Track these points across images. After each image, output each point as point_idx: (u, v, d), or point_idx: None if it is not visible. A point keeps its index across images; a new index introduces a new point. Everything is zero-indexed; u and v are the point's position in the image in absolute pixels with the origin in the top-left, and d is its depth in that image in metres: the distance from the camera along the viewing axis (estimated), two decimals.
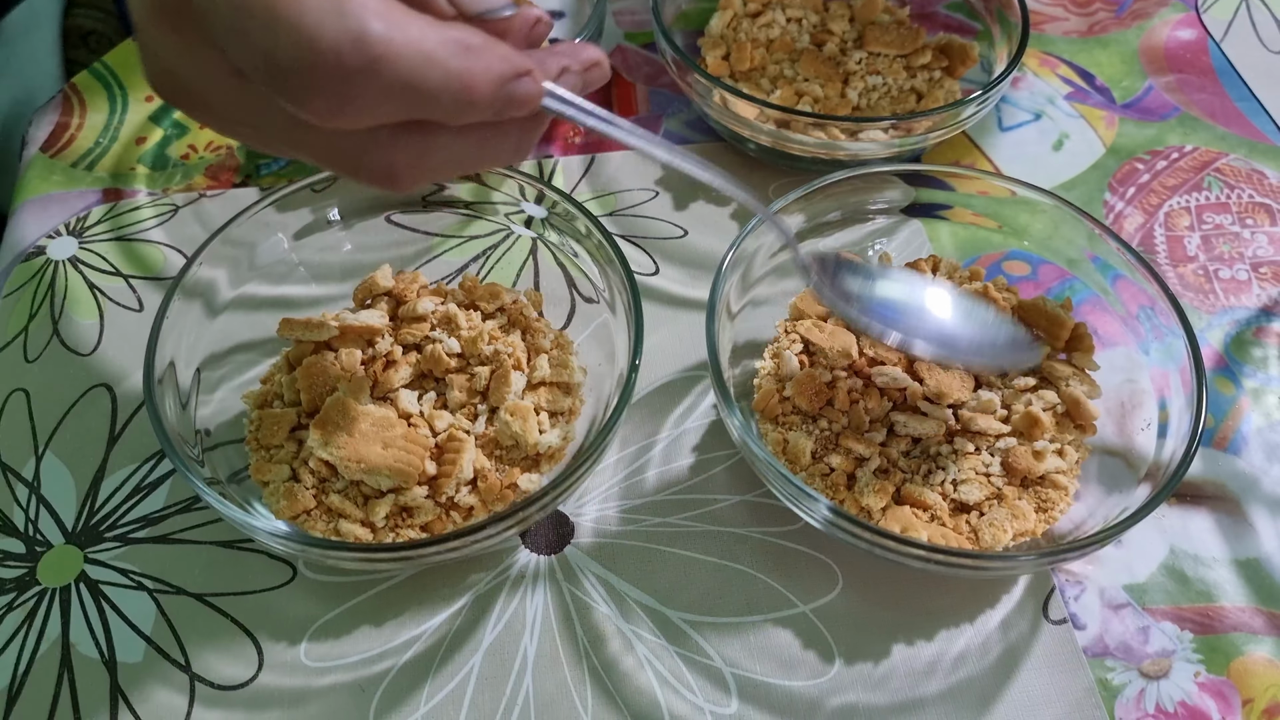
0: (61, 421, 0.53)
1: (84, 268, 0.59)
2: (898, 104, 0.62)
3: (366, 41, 0.28)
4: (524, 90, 0.32)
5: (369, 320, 0.50)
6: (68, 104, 0.67)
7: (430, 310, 0.51)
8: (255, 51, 0.29)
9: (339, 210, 0.54)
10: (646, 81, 0.68)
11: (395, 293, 0.52)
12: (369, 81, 0.29)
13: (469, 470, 0.47)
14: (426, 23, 0.30)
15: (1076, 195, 0.63)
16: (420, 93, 0.30)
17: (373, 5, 0.29)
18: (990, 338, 0.47)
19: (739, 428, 0.45)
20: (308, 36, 0.28)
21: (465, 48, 0.30)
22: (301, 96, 0.30)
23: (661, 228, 0.61)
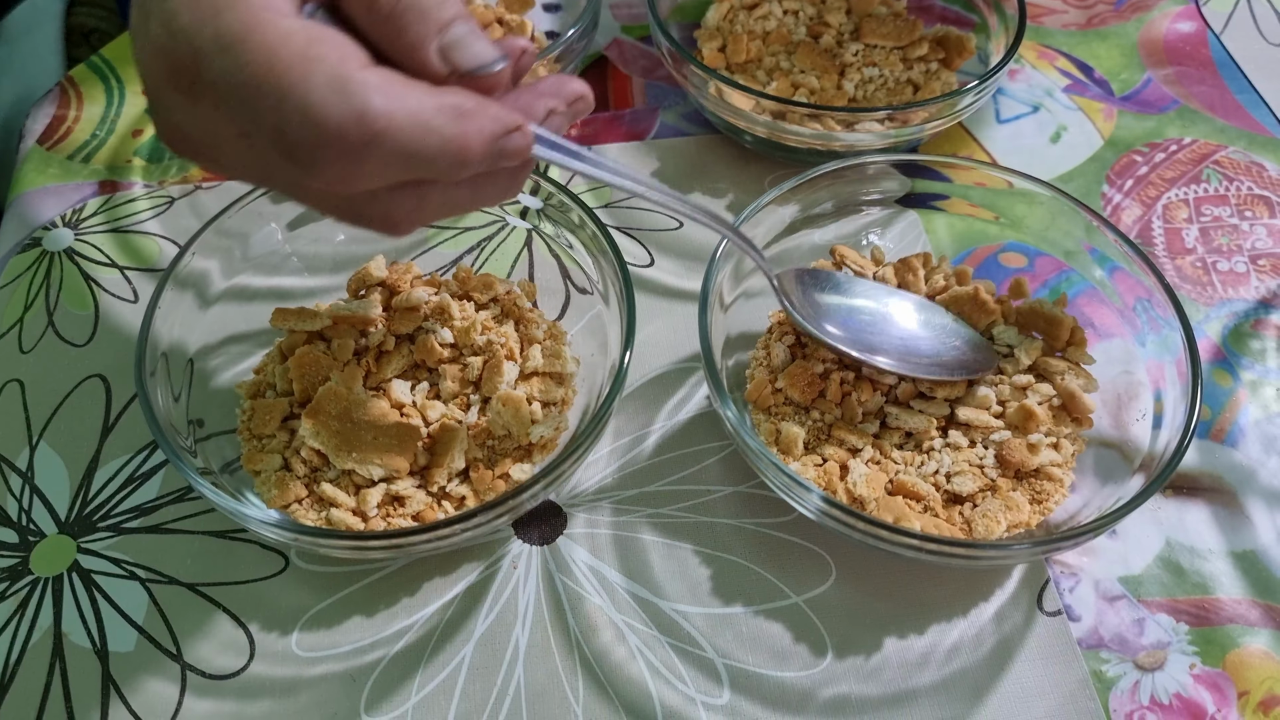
0: (56, 412, 0.53)
1: (80, 259, 0.59)
2: (894, 96, 0.61)
3: (368, 118, 0.30)
4: (515, 144, 0.34)
5: (362, 310, 0.50)
6: (65, 97, 0.67)
7: (424, 300, 0.51)
8: (264, 125, 0.31)
9: None
10: (643, 74, 0.68)
11: (389, 283, 0.52)
12: (372, 153, 0.31)
13: (460, 460, 0.47)
14: (423, 91, 0.32)
15: (1074, 187, 0.62)
16: (419, 158, 0.32)
17: (373, 80, 0.31)
18: (949, 346, 0.50)
19: (732, 419, 0.44)
20: (314, 116, 0.30)
21: (459, 113, 0.32)
22: (310, 168, 0.32)
23: (657, 219, 0.60)
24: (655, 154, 0.63)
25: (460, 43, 0.34)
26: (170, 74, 0.33)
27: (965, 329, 0.51)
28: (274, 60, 0.30)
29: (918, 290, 0.53)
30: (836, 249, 0.54)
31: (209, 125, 0.33)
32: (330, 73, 0.30)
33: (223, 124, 0.33)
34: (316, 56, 0.30)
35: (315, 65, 0.30)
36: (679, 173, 0.62)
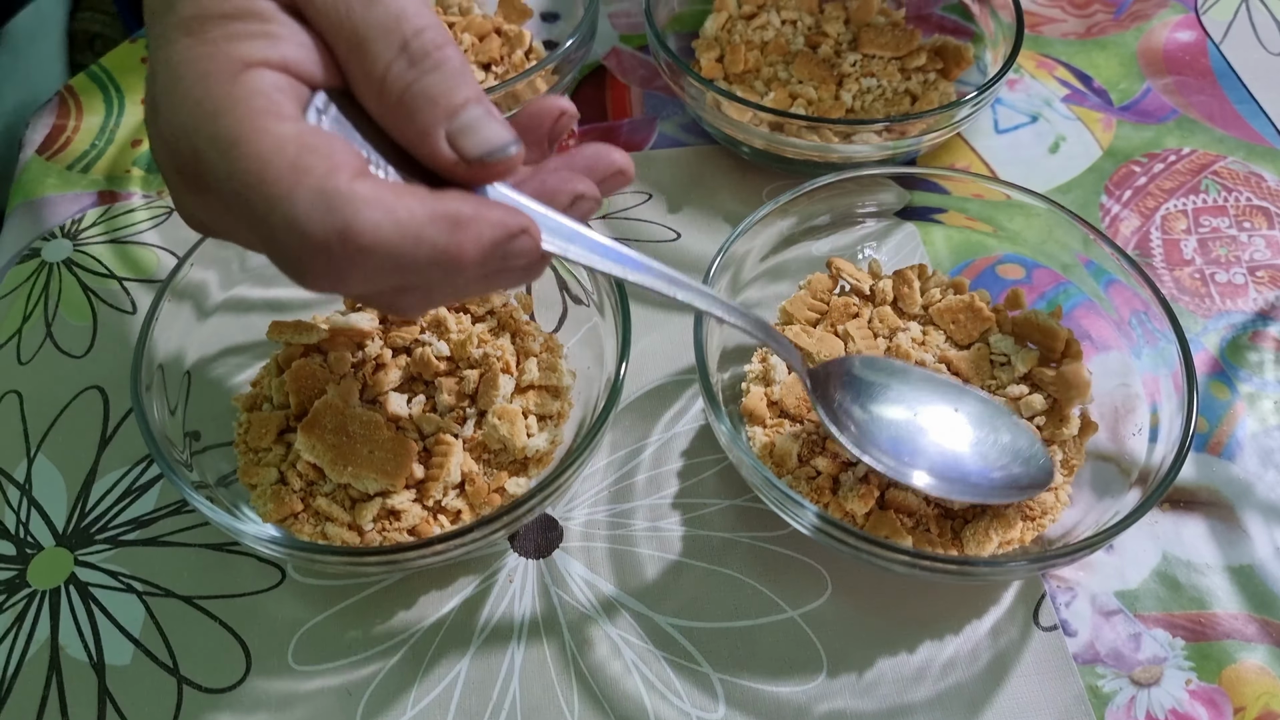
0: (54, 424, 0.53)
1: (78, 270, 0.59)
2: (892, 106, 0.61)
3: (352, 233, 0.30)
4: (520, 248, 0.33)
5: (358, 323, 0.50)
6: (64, 106, 0.67)
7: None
8: (255, 232, 0.31)
9: None
10: (641, 84, 0.68)
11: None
12: (357, 267, 0.31)
13: (456, 474, 0.47)
14: (417, 199, 0.31)
15: (1073, 198, 0.62)
16: (411, 269, 0.31)
17: (362, 192, 0.30)
18: (998, 465, 0.46)
19: (726, 433, 0.44)
20: (299, 229, 0.30)
21: (454, 223, 0.31)
22: (298, 277, 0.32)
23: (654, 230, 0.60)
24: (653, 165, 0.63)
25: (469, 128, 0.32)
26: (177, 169, 0.33)
27: (1027, 440, 0.47)
28: (264, 170, 0.30)
29: (912, 302, 0.53)
30: (833, 262, 0.54)
31: (219, 217, 0.34)
32: (316, 186, 0.29)
33: (230, 218, 0.33)
34: (305, 168, 0.30)
35: (303, 177, 0.30)
36: (677, 184, 0.62)
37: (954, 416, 0.47)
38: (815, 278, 0.54)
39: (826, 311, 0.53)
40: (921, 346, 0.52)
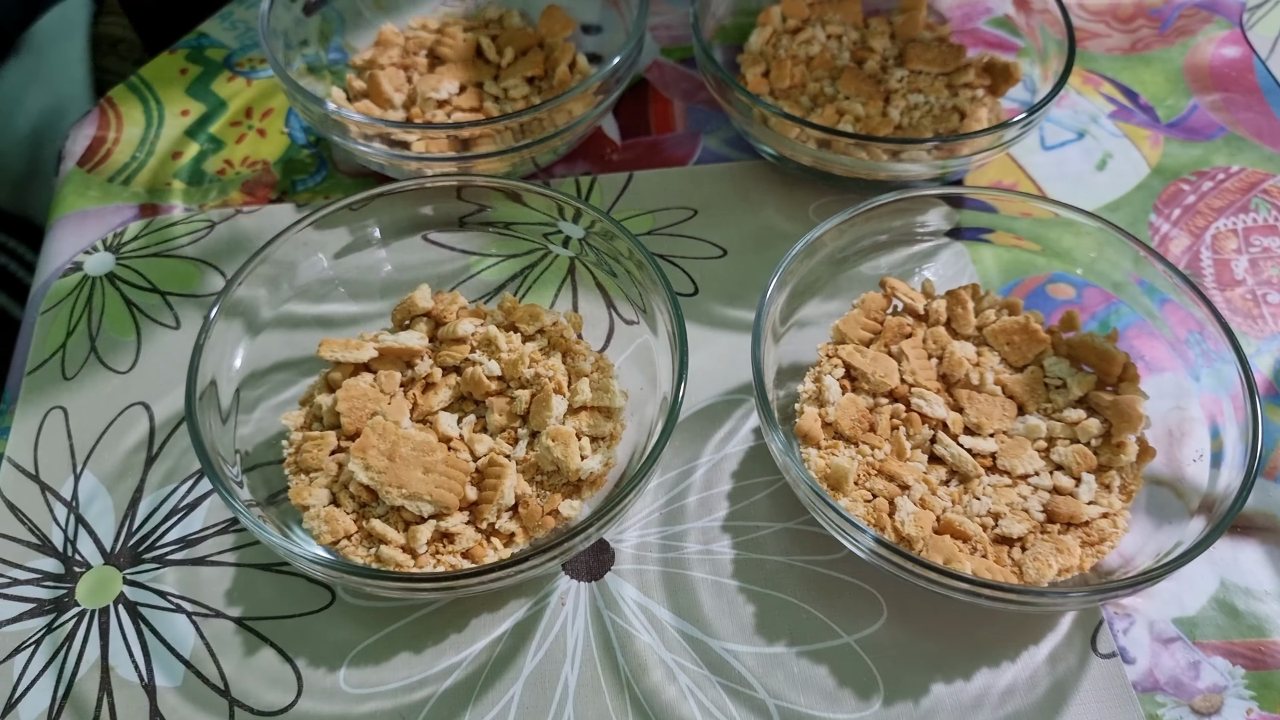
0: (99, 440, 0.53)
1: (121, 284, 0.59)
2: (940, 123, 0.61)
3: None
4: None
5: (408, 342, 0.50)
6: (104, 117, 0.67)
7: (470, 332, 0.51)
8: None
9: (378, 229, 0.54)
10: (684, 98, 0.68)
11: (434, 314, 0.52)
12: None
13: (510, 496, 0.46)
14: None
15: (1121, 216, 0.62)
16: None
17: None
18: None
19: (785, 455, 0.44)
20: None
21: None
22: None
23: (700, 247, 0.60)
24: (698, 181, 0.63)
25: None
26: None
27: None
28: None
29: (966, 323, 0.52)
30: (887, 281, 0.53)
31: None
32: None
33: None
34: None
35: None
36: (722, 200, 0.62)
37: None
38: (869, 297, 0.53)
39: (880, 331, 0.52)
40: (976, 366, 0.51)
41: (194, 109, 0.67)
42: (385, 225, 0.54)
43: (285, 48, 0.62)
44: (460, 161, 0.56)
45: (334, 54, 0.66)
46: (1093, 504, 0.47)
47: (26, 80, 1.13)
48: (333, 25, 0.67)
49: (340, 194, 0.62)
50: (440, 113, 0.60)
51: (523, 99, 0.61)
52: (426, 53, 0.64)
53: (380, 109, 0.61)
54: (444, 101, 0.61)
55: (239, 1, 0.73)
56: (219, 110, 0.67)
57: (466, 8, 0.69)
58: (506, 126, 0.55)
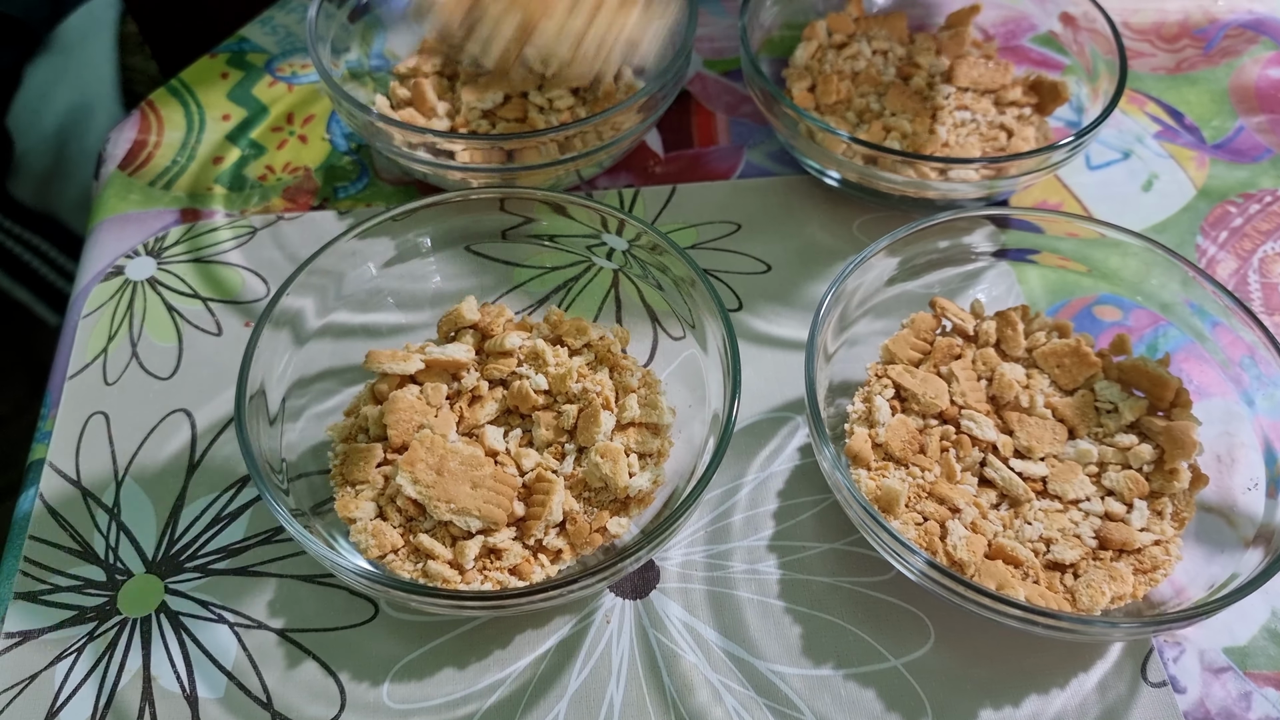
0: (141, 447, 0.53)
1: (162, 289, 0.58)
2: (987, 141, 0.60)
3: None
4: None
5: (455, 355, 0.50)
6: (145, 121, 0.67)
7: (517, 345, 0.51)
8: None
9: (423, 240, 0.54)
10: (727, 111, 0.67)
11: (480, 326, 0.52)
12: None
13: (558, 513, 0.46)
14: None
15: (1168, 238, 0.61)
16: None
17: None
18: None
19: (839, 477, 0.44)
20: None
21: None
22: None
23: (744, 263, 0.60)
24: (741, 195, 0.62)
25: None
26: None
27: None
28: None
29: (1016, 345, 0.52)
30: (937, 301, 0.53)
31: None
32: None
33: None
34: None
35: None
36: (766, 214, 0.61)
37: None
38: (919, 317, 0.53)
39: (930, 351, 0.52)
40: (1026, 389, 0.51)
41: (235, 114, 0.67)
42: (429, 236, 0.54)
43: (330, 53, 0.61)
44: (504, 173, 0.56)
45: (375, 60, 0.66)
46: (1145, 531, 0.47)
47: (54, 78, 1.13)
48: (375, 31, 0.66)
49: (381, 202, 0.62)
50: (484, 123, 0.60)
51: (567, 110, 0.61)
52: (471, 60, 0.64)
53: (424, 118, 0.60)
54: (488, 111, 0.61)
55: (279, 6, 0.73)
56: (260, 115, 0.67)
57: None
58: (552, 139, 0.55)
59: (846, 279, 0.49)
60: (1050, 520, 0.47)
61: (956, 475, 0.48)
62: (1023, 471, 0.48)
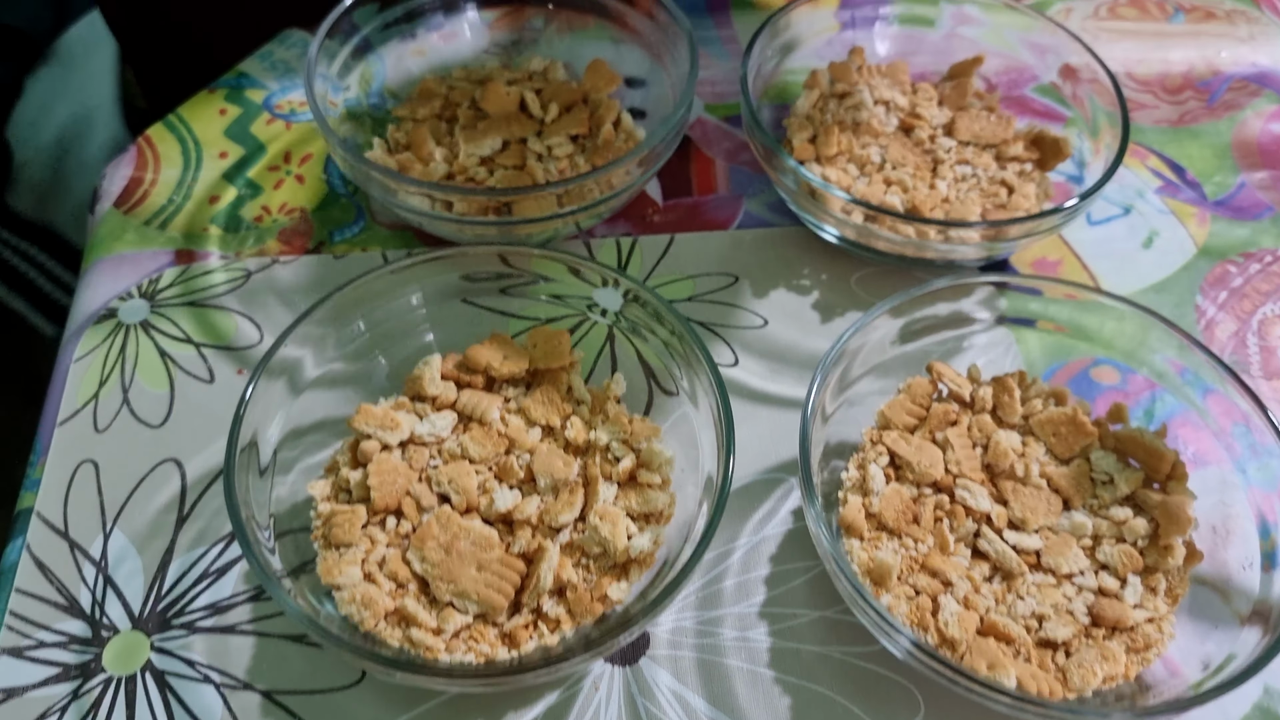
0: (130, 497, 0.52)
1: (155, 333, 0.58)
2: (988, 197, 0.60)
3: None
4: None
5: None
6: (141, 157, 0.66)
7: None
8: None
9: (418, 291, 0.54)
10: (726, 158, 0.67)
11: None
12: None
13: (549, 579, 0.46)
14: None
15: (1168, 298, 0.61)
16: None
17: None
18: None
19: (831, 554, 0.43)
20: None
21: None
22: None
23: (741, 316, 0.59)
24: (740, 246, 0.62)
25: None
26: None
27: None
28: None
29: (1012, 411, 0.52)
30: (934, 366, 0.52)
31: None
32: None
33: None
34: None
35: None
36: (763, 267, 0.61)
37: None
38: (915, 382, 0.52)
39: (925, 417, 0.52)
40: (1022, 457, 0.50)
41: (232, 151, 0.66)
42: (422, 290, 0.54)
43: (329, 91, 0.61)
44: (501, 226, 0.56)
45: (374, 99, 0.66)
46: (1138, 607, 0.47)
47: (54, 90, 1.13)
48: (374, 70, 0.66)
49: (377, 246, 0.62)
50: (482, 170, 0.60)
51: (566, 158, 0.60)
52: (469, 104, 0.64)
53: (422, 163, 0.60)
54: (486, 159, 0.60)
55: (279, 40, 0.73)
56: (257, 154, 0.66)
57: (510, 54, 0.69)
58: (551, 192, 0.54)
59: (846, 343, 0.49)
60: (1043, 595, 0.47)
61: (950, 547, 0.48)
62: (1017, 544, 0.48)
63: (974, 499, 0.49)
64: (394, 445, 0.49)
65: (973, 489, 0.49)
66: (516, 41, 0.69)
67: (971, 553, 0.48)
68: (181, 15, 0.87)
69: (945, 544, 0.48)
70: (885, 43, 0.68)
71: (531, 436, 0.50)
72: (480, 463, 0.49)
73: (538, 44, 0.69)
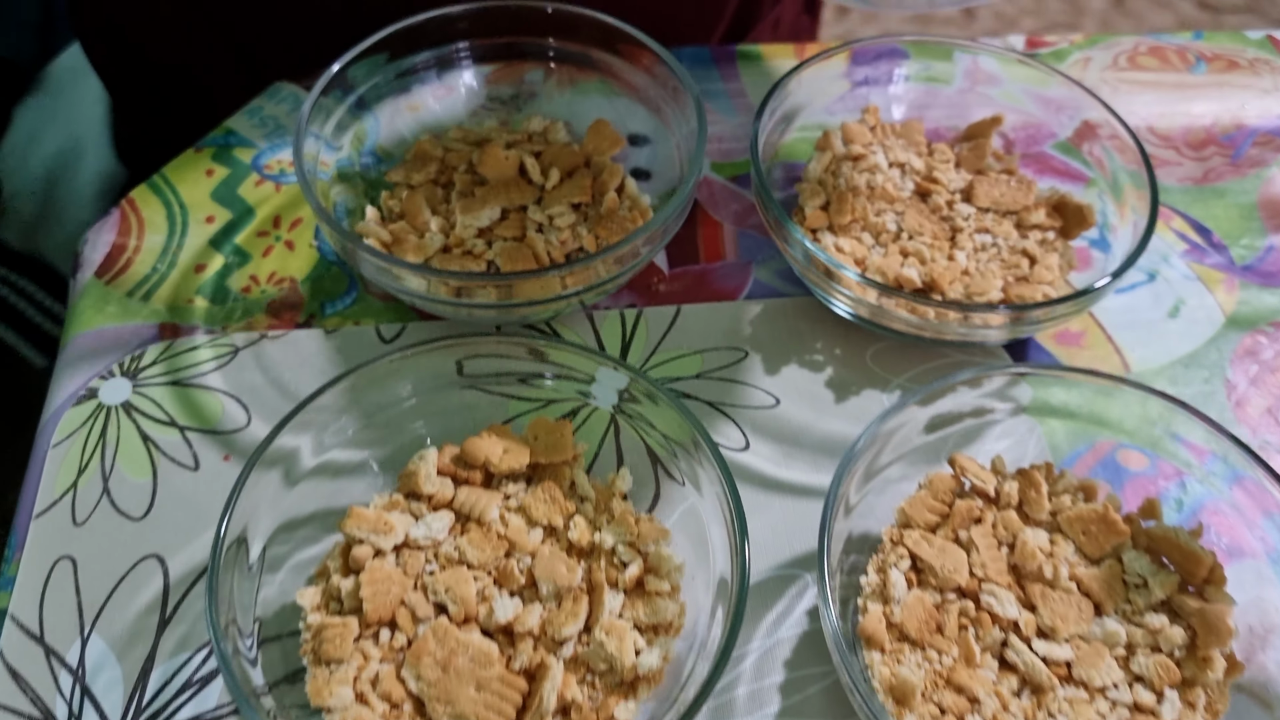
0: (109, 598, 0.49)
1: (137, 415, 0.55)
2: (1009, 269, 0.57)
3: None
4: None
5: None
6: (124, 222, 0.63)
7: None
8: None
9: (412, 387, 0.51)
10: (735, 221, 0.64)
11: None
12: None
13: (552, 700, 0.43)
14: None
15: (1197, 373, 0.58)
16: None
17: None
18: None
19: (851, 675, 0.41)
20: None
21: None
22: None
23: (752, 395, 0.57)
24: (750, 318, 0.59)
25: None
26: None
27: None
28: None
29: (1039, 507, 0.49)
30: (956, 459, 0.50)
31: None
32: None
33: None
34: None
35: None
36: (774, 340, 0.58)
37: None
38: (936, 477, 0.50)
39: (948, 515, 0.49)
40: (1050, 558, 0.48)
41: (219, 215, 0.64)
42: (420, 373, 0.51)
43: (321, 150, 0.58)
44: (500, 310, 0.53)
45: (367, 158, 0.63)
46: None
47: (42, 119, 1.11)
48: (367, 127, 0.63)
49: (371, 319, 0.59)
50: (480, 242, 0.57)
51: (569, 228, 0.57)
52: (466, 167, 0.61)
53: (417, 234, 0.57)
54: (484, 229, 0.58)
55: (269, 95, 0.70)
56: (245, 218, 0.63)
57: (509, 110, 0.66)
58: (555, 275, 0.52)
59: (867, 441, 0.46)
60: (1076, 711, 0.44)
61: (976, 658, 0.45)
62: (1046, 655, 0.45)
63: (1001, 605, 0.46)
64: (388, 550, 0.47)
65: (999, 594, 0.46)
66: (515, 95, 0.67)
67: (999, 664, 0.46)
68: (161, 55, 0.85)
69: (971, 655, 0.45)
70: (899, 98, 0.66)
71: (533, 538, 0.48)
72: (479, 568, 0.47)
73: (537, 99, 0.66)
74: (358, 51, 0.60)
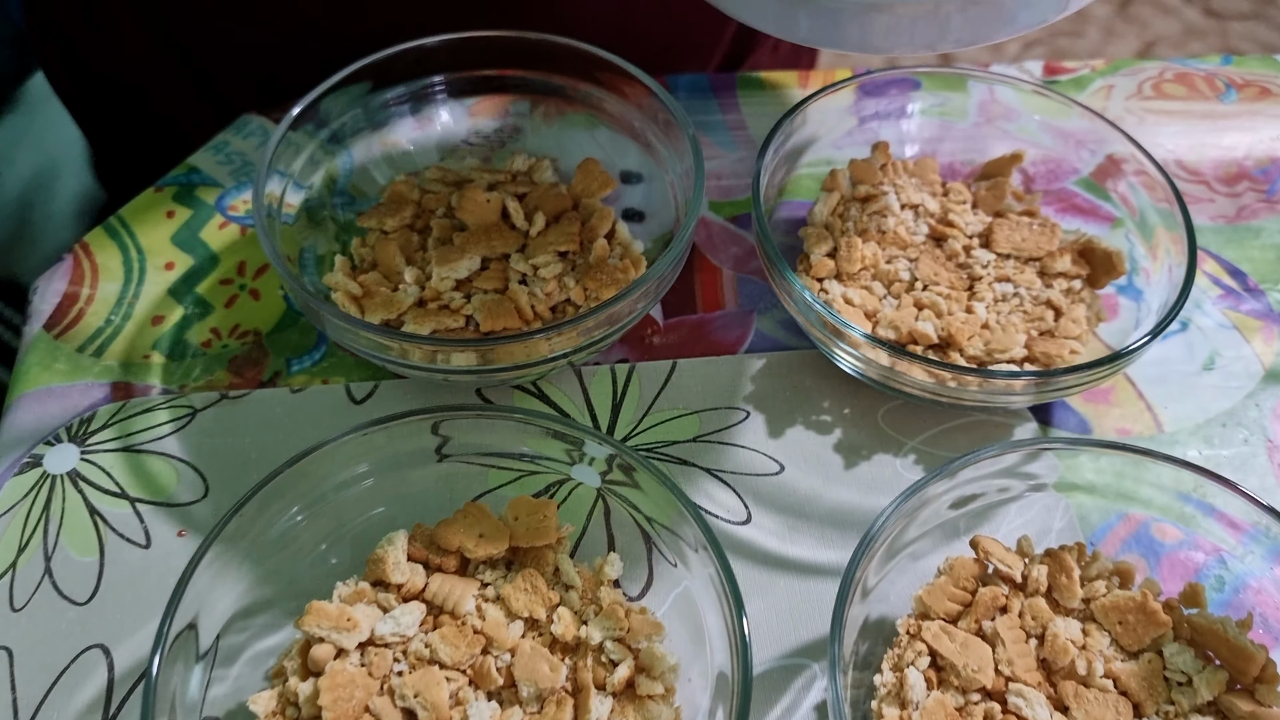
0: (48, 695, 0.45)
1: (85, 485, 0.51)
2: (1032, 321, 0.53)
3: None
4: None
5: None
6: (78, 269, 0.59)
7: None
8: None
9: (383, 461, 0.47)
10: (735, 266, 0.60)
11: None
12: None
13: None
14: None
15: (1235, 433, 0.54)
16: None
17: None
18: None
19: None
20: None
21: None
22: None
23: (754, 460, 0.52)
24: (751, 374, 0.55)
25: None
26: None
27: None
28: None
29: (1071, 594, 0.45)
30: (979, 542, 0.45)
31: None
32: None
33: None
34: None
35: None
36: (777, 399, 0.54)
37: None
38: (958, 561, 0.45)
39: (971, 603, 0.44)
40: (1084, 651, 0.43)
41: (180, 261, 0.59)
42: (393, 445, 0.47)
43: (286, 189, 0.54)
44: (481, 374, 0.48)
45: (339, 198, 0.59)
46: None
47: (17, 138, 1.08)
48: (339, 165, 0.59)
49: (340, 377, 0.55)
50: (458, 295, 0.53)
51: (554, 279, 0.53)
52: (444, 210, 0.57)
53: (390, 285, 0.53)
54: (463, 281, 0.53)
55: (235, 129, 0.65)
56: (208, 265, 0.59)
57: (491, 146, 0.62)
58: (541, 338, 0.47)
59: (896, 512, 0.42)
60: None
61: None
62: None
63: (1030, 708, 0.42)
64: (351, 649, 0.42)
65: (1028, 695, 0.42)
66: (498, 130, 0.62)
67: None
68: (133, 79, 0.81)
69: None
70: (911, 135, 0.61)
71: (512, 632, 0.43)
72: (452, 667, 0.42)
73: (521, 135, 0.62)
74: (332, 83, 0.56)
